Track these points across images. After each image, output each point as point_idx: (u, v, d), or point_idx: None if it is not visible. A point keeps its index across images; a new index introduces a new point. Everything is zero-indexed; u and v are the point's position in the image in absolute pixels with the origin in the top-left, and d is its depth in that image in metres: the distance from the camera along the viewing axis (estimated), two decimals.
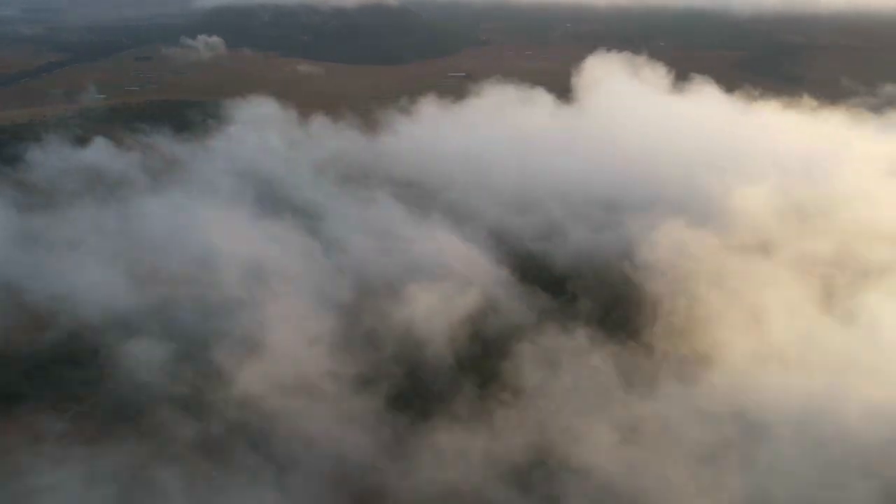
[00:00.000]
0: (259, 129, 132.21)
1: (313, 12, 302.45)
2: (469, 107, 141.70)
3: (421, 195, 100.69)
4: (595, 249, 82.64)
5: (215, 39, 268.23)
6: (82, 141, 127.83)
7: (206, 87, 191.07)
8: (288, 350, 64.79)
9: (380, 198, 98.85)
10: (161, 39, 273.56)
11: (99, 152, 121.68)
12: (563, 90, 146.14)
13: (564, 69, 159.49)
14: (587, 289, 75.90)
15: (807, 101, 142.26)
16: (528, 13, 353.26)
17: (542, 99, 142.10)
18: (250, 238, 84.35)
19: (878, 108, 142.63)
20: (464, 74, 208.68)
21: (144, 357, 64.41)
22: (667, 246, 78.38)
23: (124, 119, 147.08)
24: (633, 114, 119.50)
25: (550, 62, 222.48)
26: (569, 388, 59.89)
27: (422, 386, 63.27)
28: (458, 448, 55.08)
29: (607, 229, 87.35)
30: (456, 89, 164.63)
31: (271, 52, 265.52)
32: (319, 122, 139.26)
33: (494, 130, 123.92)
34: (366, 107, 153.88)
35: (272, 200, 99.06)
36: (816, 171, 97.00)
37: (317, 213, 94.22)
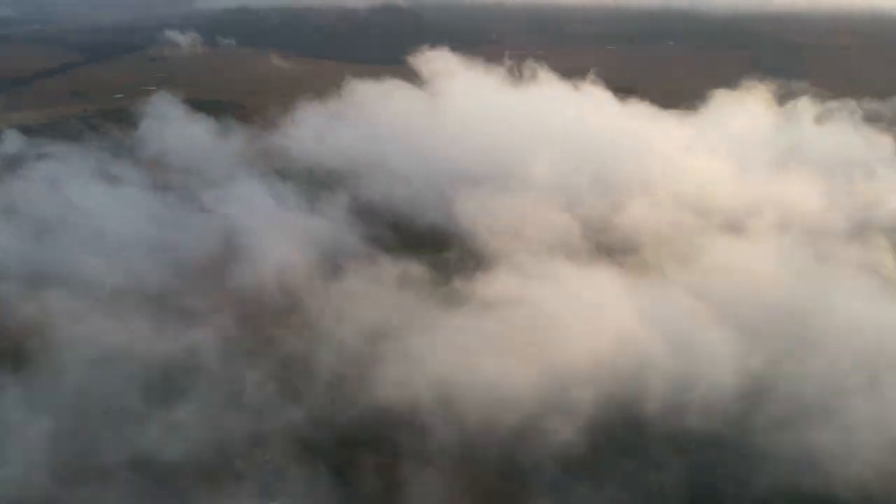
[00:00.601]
0: (209, 122, 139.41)
1: (321, 13, 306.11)
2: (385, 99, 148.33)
3: (313, 180, 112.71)
4: (440, 217, 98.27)
5: (194, 36, 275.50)
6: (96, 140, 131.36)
7: (218, 86, 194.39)
8: (119, 288, 76.07)
9: (272, 181, 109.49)
10: (170, 40, 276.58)
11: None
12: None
13: (573, 68, 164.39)
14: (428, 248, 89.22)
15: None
16: (536, 14, 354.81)
17: (412, 93, 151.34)
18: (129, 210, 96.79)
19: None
20: None
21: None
22: (490, 212, 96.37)
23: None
24: (486, 104, 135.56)
25: (561, 61, 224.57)
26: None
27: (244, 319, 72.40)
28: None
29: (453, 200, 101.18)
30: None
31: (277, 51, 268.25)
32: (288, 115, 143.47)
33: (382, 122, 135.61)
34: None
35: (177, 184, 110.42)
36: (630, 152, 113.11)
37: (204, 192, 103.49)
